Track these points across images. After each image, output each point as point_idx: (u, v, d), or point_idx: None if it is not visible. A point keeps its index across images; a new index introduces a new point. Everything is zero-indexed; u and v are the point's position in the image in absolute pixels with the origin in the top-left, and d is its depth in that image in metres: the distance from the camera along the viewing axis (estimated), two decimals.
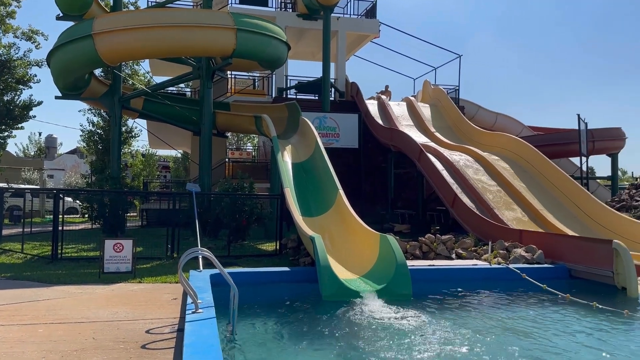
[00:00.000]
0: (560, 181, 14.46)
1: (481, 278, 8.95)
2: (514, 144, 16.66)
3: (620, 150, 21.54)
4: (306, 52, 27.27)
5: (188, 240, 11.98)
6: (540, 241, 10.09)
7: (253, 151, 33.04)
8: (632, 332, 6.28)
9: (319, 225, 10.24)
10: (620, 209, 14.29)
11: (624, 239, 10.94)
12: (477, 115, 24.01)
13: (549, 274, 8.97)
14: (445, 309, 7.18)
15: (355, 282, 7.90)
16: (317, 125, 18.14)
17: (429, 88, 23.70)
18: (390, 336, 5.76)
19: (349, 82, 23.35)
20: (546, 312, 7.10)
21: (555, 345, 5.63)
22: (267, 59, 13.86)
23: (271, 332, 6.00)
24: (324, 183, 11.63)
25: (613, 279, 8.19)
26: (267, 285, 8.12)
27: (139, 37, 12.24)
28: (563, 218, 13.14)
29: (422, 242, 10.62)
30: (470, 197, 13.91)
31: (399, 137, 18.08)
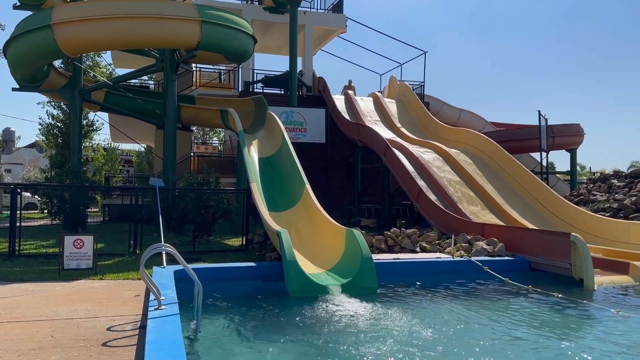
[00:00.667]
0: (521, 176, 14.84)
1: (444, 271, 9.13)
2: (477, 139, 17.00)
3: (578, 145, 22.23)
4: (273, 45, 27.09)
5: (152, 236, 11.75)
6: (502, 234, 10.34)
7: (219, 145, 32.65)
8: (590, 321, 6.51)
9: (286, 220, 10.22)
10: (579, 202, 14.78)
11: (582, 232, 11.35)
12: (441, 111, 24.39)
13: (509, 266, 9.22)
14: (409, 302, 7.28)
15: (321, 276, 7.92)
16: (284, 119, 18.06)
17: (395, 84, 23.91)
18: (355, 329, 5.80)
19: (316, 77, 23.33)
20: (507, 303, 7.29)
21: (516, 334, 5.79)
22: (233, 52, 13.69)
23: (236, 328, 5.96)
24: (291, 178, 11.60)
25: (571, 271, 8.46)
26: (232, 280, 8.06)
27: (99, 28, 11.89)
28: (524, 212, 13.50)
29: (388, 236, 10.73)
30: (435, 192, 14.13)
31: (366, 132, 18.19)
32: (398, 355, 4.97)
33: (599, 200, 14.34)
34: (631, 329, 5.97)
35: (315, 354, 5.09)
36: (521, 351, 5.22)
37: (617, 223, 11.78)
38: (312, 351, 5.17)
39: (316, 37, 24.80)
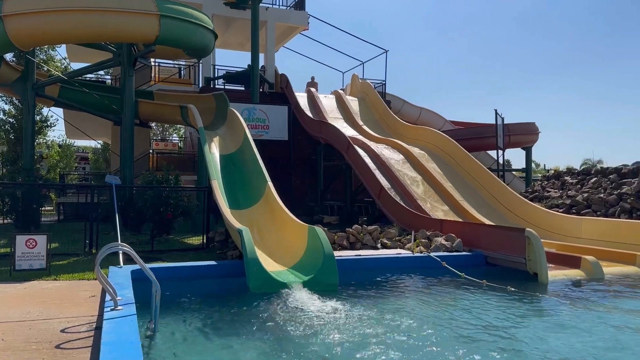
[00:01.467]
0: (478, 173, 15.21)
1: (404, 266, 9.25)
2: (436, 137, 17.32)
3: (534, 143, 22.98)
4: (234, 41, 26.81)
5: (108, 235, 11.45)
6: (459, 230, 10.57)
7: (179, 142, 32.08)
8: (543, 314, 6.73)
9: (248, 218, 10.14)
10: (534, 199, 15.26)
11: (537, 228, 11.74)
12: (402, 110, 24.71)
13: (467, 261, 9.44)
14: (370, 297, 7.36)
15: (283, 273, 7.90)
16: (246, 116, 17.91)
17: (357, 82, 24.08)
18: (317, 325, 5.82)
19: (279, 74, 23.23)
20: (462, 297, 7.46)
21: (470, 327, 5.93)
22: (192, 47, 13.48)
23: (196, 328, 5.88)
24: (253, 175, 11.52)
25: (526, 265, 8.73)
26: (192, 279, 7.94)
27: (53, 21, 11.48)
28: (481, 208, 13.85)
29: (350, 233, 10.81)
30: (396, 189, 14.32)
31: (328, 129, 18.25)
32: (358, 349, 5.02)
33: (552, 197, 14.85)
34: (583, 321, 6.21)
35: (275, 351, 5.08)
36: (474, 343, 5.35)
37: (569, 219, 12.24)
38: (272, 348, 5.15)
39: (278, 33, 24.69)
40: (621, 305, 6.98)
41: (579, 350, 5.14)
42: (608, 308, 6.73)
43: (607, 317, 6.31)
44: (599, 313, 6.51)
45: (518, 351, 5.13)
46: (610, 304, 7.06)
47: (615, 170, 14.26)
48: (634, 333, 5.70)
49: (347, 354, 4.91)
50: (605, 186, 13.75)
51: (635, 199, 12.41)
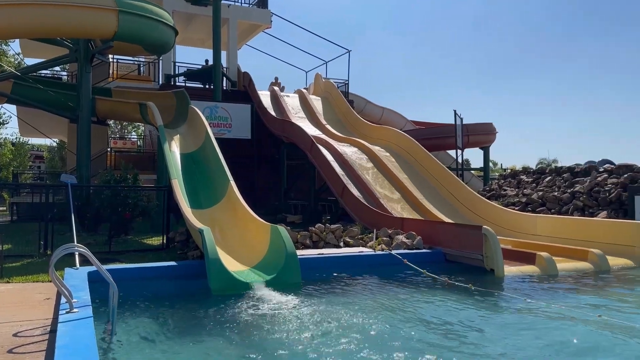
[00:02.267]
0: (438, 172, 15.51)
1: (366, 264, 9.36)
2: (398, 137, 17.56)
3: (491, 143, 23.60)
4: (196, 38, 26.43)
5: (64, 236, 11.10)
6: (420, 228, 10.76)
7: (138, 141, 31.39)
8: (499, 309, 6.93)
9: (209, 218, 10.02)
10: (491, 197, 15.69)
11: (494, 225, 12.08)
12: (365, 109, 24.95)
13: (427, 258, 9.62)
14: (332, 296, 7.40)
15: (245, 273, 7.86)
16: (208, 115, 17.68)
17: (321, 81, 24.15)
18: (279, 325, 5.82)
19: (241, 72, 23.06)
20: (423, 293, 7.60)
21: (430, 321, 6.05)
22: (152, 44, 13.21)
23: (155, 330, 5.77)
24: (215, 174, 11.39)
25: (483, 262, 8.97)
26: (152, 280, 7.79)
27: (6, 15, 11.03)
28: (441, 206, 14.14)
29: (313, 232, 10.84)
30: (358, 188, 14.45)
31: (292, 128, 18.24)
32: (320, 348, 5.04)
33: (509, 195, 15.30)
34: (537, 315, 6.43)
35: (237, 352, 5.04)
36: (434, 337, 5.47)
37: (525, 216, 12.64)
38: (234, 349, 5.12)
39: (241, 31, 24.49)
40: (572, 301, 7.25)
41: (530, 345, 5.32)
42: (560, 304, 6.98)
43: (558, 312, 6.55)
44: (551, 308, 6.75)
45: (474, 346, 5.27)
46: (562, 299, 7.33)
47: (569, 169, 14.81)
48: (584, 327, 5.93)
49: (310, 353, 4.92)
50: (559, 185, 14.26)
51: (587, 197, 12.93)
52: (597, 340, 5.43)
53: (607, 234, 10.59)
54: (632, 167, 12.97)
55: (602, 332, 5.71)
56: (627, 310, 6.75)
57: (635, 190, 11.63)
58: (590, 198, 12.83)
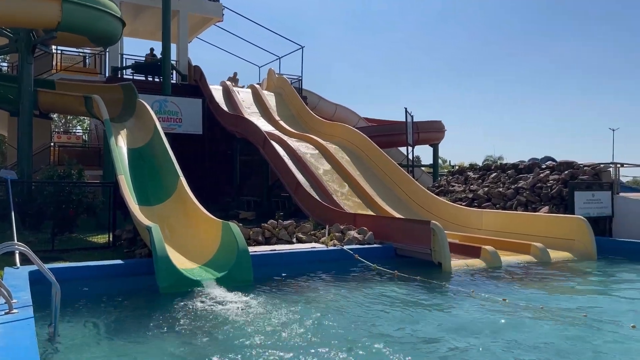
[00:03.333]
0: (390, 169, 15.78)
1: (319, 260, 9.42)
2: (351, 134, 17.72)
3: (440, 140, 24.20)
4: (144, 30, 25.70)
5: (4, 234, 10.58)
6: (371, 223, 10.92)
7: (84, 135, 30.27)
8: (446, 301, 7.13)
9: (158, 215, 9.80)
10: (440, 193, 16.09)
11: (442, 220, 12.39)
12: (318, 106, 25.01)
13: (378, 253, 9.77)
14: (284, 292, 7.41)
15: (195, 271, 7.73)
16: (157, 109, 17.26)
17: (274, 77, 24.03)
18: (229, 323, 5.77)
19: (192, 66, 22.62)
20: (373, 287, 7.72)
21: (380, 315, 6.16)
22: (97, 35, 12.77)
23: (100, 331, 5.60)
24: (164, 170, 11.14)
25: (431, 256, 9.20)
26: (97, 280, 7.54)
27: None
28: (392, 202, 14.39)
29: (265, 228, 10.80)
30: (312, 184, 14.49)
31: (244, 124, 18.07)
32: (271, 346, 5.03)
33: (457, 191, 15.74)
34: (482, 307, 6.66)
35: (186, 353, 4.96)
36: (383, 329, 5.57)
37: (472, 211, 13.05)
38: (183, 350, 5.03)
39: (192, 24, 24.02)
40: (514, 292, 7.55)
41: (475, 333, 5.51)
42: (502, 295, 7.26)
43: (501, 303, 6.81)
44: (493, 299, 7.01)
45: (421, 336, 5.41)
46: (505, 290, 7.62)
47: (513, 166, 15.38)
48: (527, 318, 6.20)
49: (261, 351, 4.90)
50: (504, 181, 14.79)
51: (530, 192, 13.47)
52: (538, 328, 5.68)
53: (548, 228, 11.09)
54: (572, 164, 13.60)
55: (543, 321, 5.98)
56: (564, 299, 7.09)
57: (575, 186, 12.22)
58: (533, 194, 13.38)
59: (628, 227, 11.95)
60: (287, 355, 4.73)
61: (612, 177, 12.76)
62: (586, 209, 11.89)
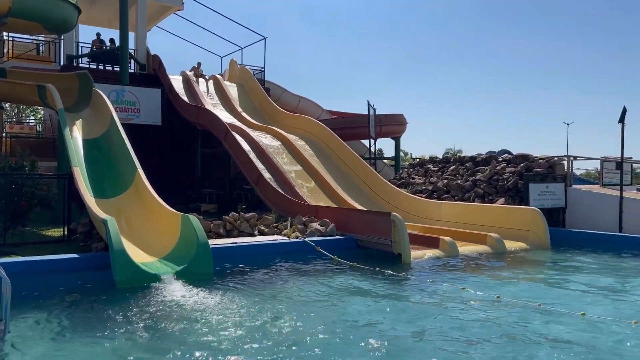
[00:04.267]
0: (352, 161, 15.88)
1: (280, 252, 9.41)
2: (314, 126, 17.71)
3: (402, 134, 24.47)
4: (101, 18, 24.87)
5: None
6: (333, 215, 10.97)
7: (37, 125, 29.17)
8: (405, 290, 7.25)
9: (115, 207, 9.55)
10: (401, 185, 16.31)
11: (403, 212, 12.59)
12: (282, 98, 24.83)
13: (339, 245, 9.85)
14: (245, 285, 7.36)
15: (153, 265, 7.60)
16: (115, 99, 16.78)
17: (236, 67, 23.74)
18: (190, 318, 5.69)
19: (151, 55, 22.06)
20: (336, 279, 7.77)
21: (341, 306, 6.22)
22: (51, 22, 12.30)
23: (53, 327, 5.44)
24: (121, 161, 10.85)
25: (391, 247, 9.32)
26: (51, 274, 7.32)
27: None
28: (354, 194, 14.49)
29: (226, 221, 10.70)
30: (274, 176, 14.44)
31: (205, 115, 17.79)
32: (231, 340, 5.00)
33: (417, 183, 16.00)
34: (440, 296, 6.80)
35: (144, 349, 4.87)
36: (344, 320, 5.62)
37: (431, 203, 13.30)
38: (141, 346, 4.93)
39: (151, 12, 23.39)
40: (470, 281, 7.75)
41: (432, 322, 5.63)
42: (459, 284, 7.44)
43: (457, 291, 6.98)
44: (450, 288, 7.18)
45: (379, 327, 5.48)
46: (461, 279, 7.81)
47: (471, 158, 15.73)
48: (483, 307, 6.37)
49: (220, 346, 4.87)
50: (462, 173, 15.12)
51: (487, 184, 13.82)
52: (494, 316, 5.85)
53: (504, 219, 11.42)
54: (527, 156, 14.01)
55: (499, 309, 6.16)
56: (518, 288, 7.33)
57: (530, 178, 12.60)
58: (490, 186, 13.74)
59: (580, 218, 12.43)
60: (245, 350, 4.70)
61: (566, 170, 13.22)
62: (540, 201, 12.29)
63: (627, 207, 11.62)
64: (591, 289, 7.40)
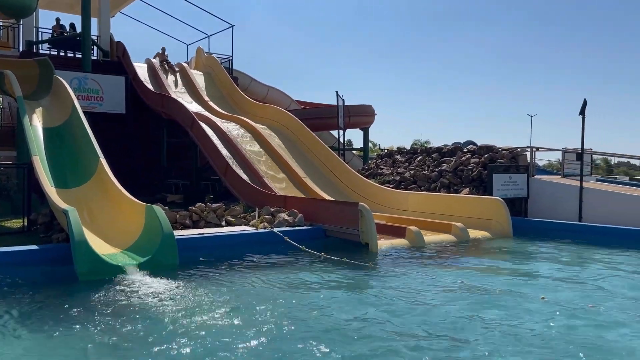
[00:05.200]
0: (321, 151, 15.87)
1: (248, 242, 9.37)
2: (282, 116, 17.61)
3: (370, 124, 24.57)
4: (63, 3, 24.02)
5: None
6: (302, 206, 10.96)
7: None
8: (372, 278, 7.31)
9: (77, 198, 9.29)
10: (369, 176, 16.41)
11: (371, 202, 12.68)
12: (250, 87, 24.58)
13: (307, 235, 9.86)
14: (211, 276, 7.30)
15: (117, 256, 7.44)
16: (76, 86, 16.32)
17: (203, 56, 23.33)
18: (151, 311, 5.61)
19: (115, 41, 21.46)
20: (303, 269, 7.79)
21: (309, 294, 6.23)
22: (8, 6, 11.79)
23: (10, 322, 5.26)
24: (83, 151, 10.55)
25: (359, 236, 9.38)
26: (10, 266, 7.10)
27: None
28: (323, 185, 14.51)
29: (193, 211, 10.56)
30: (242, 166, 14.30)
31: (171, 104, 17.45)
32: (193, 331, 4.95)
33: (385, 174, 16.12)
34: (406, 283, 6.89)
35: (103, 343, 4.76)
36: (312, 309, 5.64)
37: (398, 193, 13.44)
38: (103, 341, 4.82)
39: None
40: (436, 270, 7.88)
41: (399, 309, 5.70)
42: (424, 272, 7.55)
43: (422, 279, 7.08)
44: (416, 276, 7.28)
45: (344, 316, 5.52)
46: (428, 269, 7.93)
47: (437, 149, 15.94)
48: (447, 294, 6.48)
49: (184, 339, 4.81)
50: (429, 164, 15.32)
51: (453, 175, 14.04)
52: (458, 303, 5.96)
53: (468, 208, 11.63)
54: (491, 148, 14.28)
55: (462, 295, 6.28)
56: (481, 276, 7.49)
57: (493, 168, 12.85)
58: (455, 176, 13.96)
59: (542, 208, 12.77)
60: (206, 341, 4.65)
61: (529, 161, 13.53)
62: (504, 191, 12.57)
63: (587, 197, 12.00)
64: (550, 275, 7.61)
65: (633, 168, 32.71)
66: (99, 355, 4.49)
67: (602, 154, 15.74)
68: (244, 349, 4.49)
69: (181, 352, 4.42)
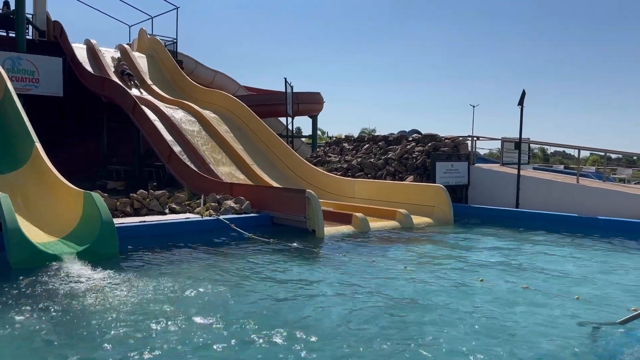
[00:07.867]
0: (269, 139, 15.78)
1: (193, 230, 9.20)
2: (230, 102, 17.33)
3: (319, 112, 24.65)
4: None
5: None
6: (248, 193, 10.88)
7: None
8: (319, 265, 7.37)
9: (10, 184, 8.82)
10: (317, 163, 16.49)
11: (319, 189, 12.75)
12: (196, 71, 24.01)
13: (254, 222, 9.82)
14: (153, 265, 7.12)
15: (53, 245, 7.13)
16: (10, 67, 15.44)
17: (145, 37, 22.56)
18: (89, 299, 5.42)
19: (51, 21, 20.39)
20: (249, 256, 7.74)
21: (255, 283, 6.21)
22: None
23: None
24: (16, 135, 10.01)
25: (305, 223, 9.43)
26: None
27: None
28: (271, 172, 14.45)
29: (134, 199, 10.27)
30: (187, 153, 14.00)
31: (112, 87, 16.79)
32: (131, 321, 4.83)
33: (333, 161, 16.24)
34: (351, 268, 7.00)
35: (35, 334, 4.56)
36: (261, 297, 5.63)
37: (346, 181, 13.58)
38: (36, 333, 4.61)
39: None
40: (380, 254, 8.04)
41: (342, 297, 5.78)
42: (368, 257, 7.70)
43: (369, 265, 7.22)
44: (361, 260, 7.41)
45: (289, 303, 5.55)
46: (373, 254, 8.08)
47: (383, 138, 16.20)
48: (390, 278, 6.63)
49: (120, 328, 4.68)
50: (376, 152, 15.55)
51: (398, 163, 14.33)
52: (401, 286, 6.12)
53: (412, 195, 11.93)
54: (435, 136, 14.66)
55: (406, 279, 6.45)
56: (423, 260, 7.71)
57: (436, 157, 13.21)
58: (401, 164, 14.26)
59: (481, 195, 13.27)
60: (148, 336, 4.54)
61: (469, 149, 14.00)
62: (446, 178, 12.95)
63: (524, 184, 12.56)
64: (489, 258, 7.94)
65: (568, 157, 34.52)
66: (31, 347, 4.30)
67: (540, 144, 16.46)
68: (182, 337, 4.43)
69: (119, 342, 4.30)
